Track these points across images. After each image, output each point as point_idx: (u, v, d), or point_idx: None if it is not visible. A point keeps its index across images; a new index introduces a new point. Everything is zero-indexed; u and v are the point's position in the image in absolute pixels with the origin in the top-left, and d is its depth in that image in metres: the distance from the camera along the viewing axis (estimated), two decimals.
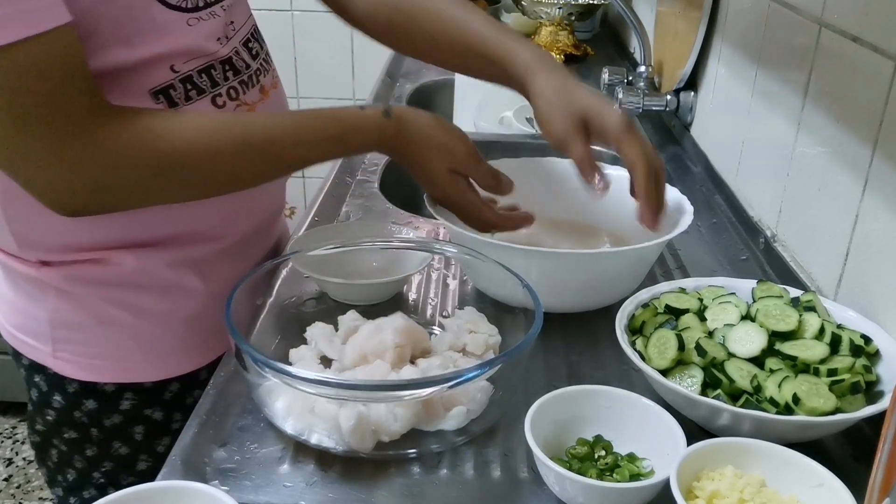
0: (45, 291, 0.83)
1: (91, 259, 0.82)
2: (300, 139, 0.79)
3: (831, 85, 0.86)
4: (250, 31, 0.89)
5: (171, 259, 0.84)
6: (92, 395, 0.87)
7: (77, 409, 0.87)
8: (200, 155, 0.73)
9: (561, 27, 1.94)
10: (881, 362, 0.70)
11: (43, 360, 0.87)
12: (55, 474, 0.94)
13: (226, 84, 0.82)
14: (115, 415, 0.88)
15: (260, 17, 0.94)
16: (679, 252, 1.03)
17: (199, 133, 0.74)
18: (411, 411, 0.68)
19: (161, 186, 0.74)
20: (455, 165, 0.83)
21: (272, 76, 0.92)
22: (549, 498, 0.64)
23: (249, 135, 0.76)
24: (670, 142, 1.43)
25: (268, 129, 0.77)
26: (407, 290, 0.93)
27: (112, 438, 0.89)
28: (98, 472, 0.91)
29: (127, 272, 0.82)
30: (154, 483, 0.60)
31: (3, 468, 2.19)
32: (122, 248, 0.82)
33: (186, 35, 0.78)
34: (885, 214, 0.74)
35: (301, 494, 0.64)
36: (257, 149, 0.76)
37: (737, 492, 0.58)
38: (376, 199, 1.17)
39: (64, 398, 0.87)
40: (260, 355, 0.65)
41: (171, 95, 0.77)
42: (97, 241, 0.81)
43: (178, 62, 0.77)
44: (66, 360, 0.86)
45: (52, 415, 0.89)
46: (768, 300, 0.75)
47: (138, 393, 0.88)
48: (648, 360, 0.71)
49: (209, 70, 0.80)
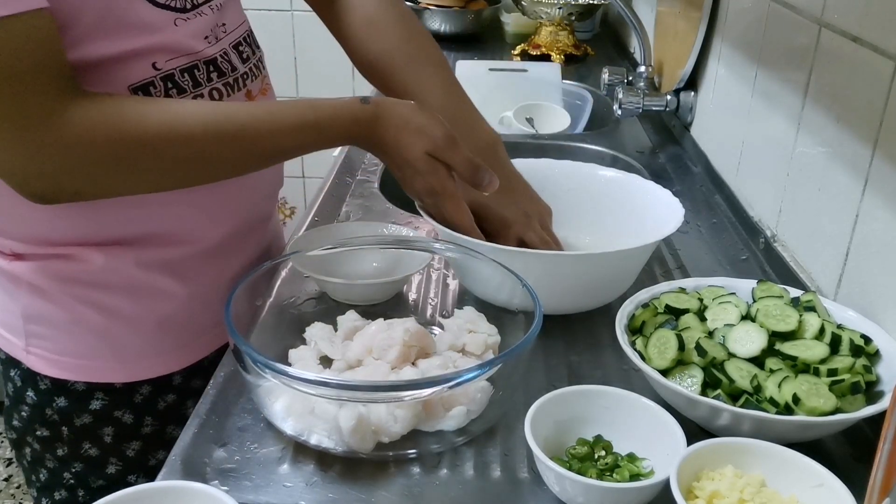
0: (18, 285, 0.83)
1: (61, 254, 0.81)
2: (273, 126, 0.76)
3: (831, 85, 0.86)
4: (243, 35, 0.89)
5: (142, 259, 0.83)
6: (63, 392, 0.86)
7: (49, 406, 0.87)
8: (169, 138, 0.72)
9: (561, 27, 1.94)
10: (881, 362, 0.70)
11: (17, 354, 0.87)
12: (30, 473, 0.94)
13: (209, 85, 0.81)
14: (85, 414, 0.87)
15: (260, 17, 0.95)
16: (679, 252, 1.03)
17: (168, 116, 0.73)
18: (411, 412, 0.68)
19: (129, 170, 0.73)
20: (433, 149, 0.79)
21: (262, 82, 0.91)
22: (549, 498, 0.64)
23: (220, 119, 0.74)
24: (670, 142, 1.43)
25: (239, 116, 0.76)
26: (407, 290, 0.93)
27: (82, 439, 0.88)
28: (69, 473, 0.90)
29: (96, 270, 0.82)
30: (154, 483, 0.60)
31: (3, 468, 2.19)
32: (91, 245, 0.81)
33: (174, 33, 0.78)
34: (885, 214, 0.74)
35: (301, 494, 0.64)
36: (229, 134, 0.74)
37: (737, 492, 0.58)
38: (376, 199, 1.17)
39: (36, 394, 0.87)
40: (259, 356, 0.65)
41: (151, 93, 0.76)
42: (67, 236, 0.80)
43: (160, 60, 0.76)
44: (38, 356, 0.86)
45: (26, 410, 0.88)
46: (768, 300, 0.75)
47: (108, 393, 0.87)
48: (648, 360, 0.71)
49: (192, 70, 0.80)
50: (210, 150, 0.74)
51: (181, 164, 0.74)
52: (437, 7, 2.09)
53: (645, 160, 1.35)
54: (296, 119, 0.77)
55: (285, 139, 0.77)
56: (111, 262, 0.82)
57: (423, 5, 2.10)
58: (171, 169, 0.75)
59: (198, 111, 0.74)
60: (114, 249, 0.82)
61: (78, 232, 0.80)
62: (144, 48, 0.75)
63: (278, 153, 0.80)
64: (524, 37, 2.05)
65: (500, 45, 2.11)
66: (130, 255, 0.82)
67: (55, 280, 0.82)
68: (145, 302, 0.85)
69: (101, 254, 0.81)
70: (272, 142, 0.77)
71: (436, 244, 0.86)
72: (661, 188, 0.95)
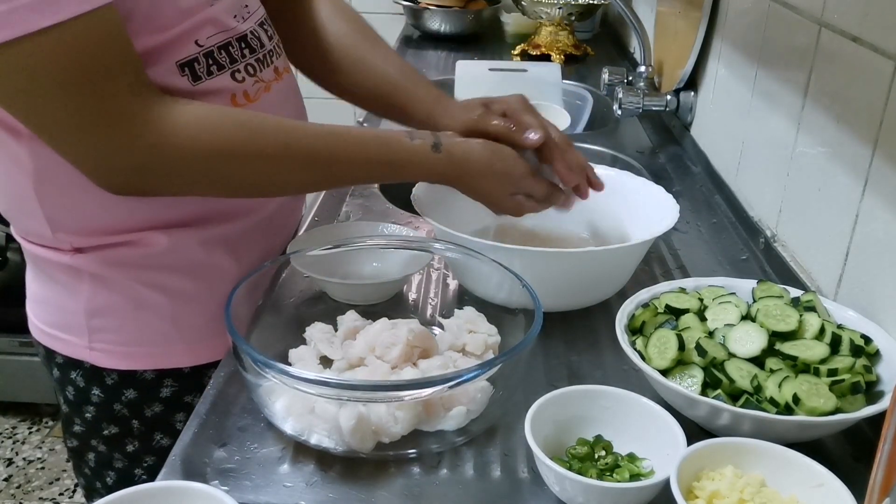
0: (80, 280, 0.84)
1: (124, 242, 0.82)
2: (349, 154, 0.80)
3: (831, 85, 0.86)
4: (264, 16, 0.91)
5: (203, 238, 0.85)
6: (131, 384, 0.87)
7: (117, 400, 0.88)
8: (250, 150, 0.75)
9: (561, 27, 1.94)
10: (881, 362, 0.70)
11: (79, 354, 0.87)
12: (94, 480, 0.94)
13: (243, 61, 0.83)
14: (155, 403, 0.88)
15: None
16: (679, 252, 1.03)
17: (252, 125, 0.76)
18: (412, 413, 0.68)
19: (208, 176, 0.76)
20: (516, 189, 0.85)
21: (284, 60, 0.93)
22: (549, 498, 0.64)
23: (300, 137, 0.78)
24: (670, 142, 1.43)
25: (312, 141, 0.79)
26: (407, 290, 0.93)
27: (153, 430, 0.89)
28: (140, 468, 0.91)
29: (159, 253, 0.83)
30: (154, 483, 0.60)
31: (3, 468, 2.19)
32: (154, 229, 0.82)
33: (211, 11, 0.80)
34: (885, 214, 0.74)
35: (301, 494, 0.64)
36: (309, 156, 0.78)
37: (737, 492, 0.58)
38: (376, 199, 1.17)
39: (103, 391, 0.87)
40: (260, 356, 0.65)
41: (195, 69, 0.78)
42: (129, 223, 0.81)
43: (202, 36, 0.78)
44: (103, 351, 0.86)
45: (90, 411, 0.89)
46: (768, 300, 0.75)
47: (177, 379, 0.88)
48: (648, 360, 0.71)
49: (227, 46, 0.81)
50: (287, 168, 0.78)
51: (257, 176, 0.78)
52: (437, 7, 2.09)
53: (645, 160, 1.35)
54: (369, 154, 0.81)
55: (358, 171, 0.82)
56: (175, 244, 0.83)
57: (422, 5, 2.10)
58: (248, 180, 0.78)
59: (280, 127, 0.78)
60: (176, 231, 0.83)
61: (140, 218, 0.81)
62: (189, 28, 0.77)
63: (348, 181, 0.86)
64: (524, 37, 2.05)
65: (500, 45, 2.11)
66: (192, 235, 0.84)
67: (119, 267, 0.83)
68: (207, 280, 0.86)
69: (165, 236, 0.82)
70: (346, 169, 0.81)
71: (436, 244, 0.86)
72: (654, 185, 0.95)
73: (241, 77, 0.83)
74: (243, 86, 0.83)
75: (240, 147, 0.75)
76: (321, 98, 1.10)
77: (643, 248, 0.88)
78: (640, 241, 0.84)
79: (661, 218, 0.87)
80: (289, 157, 0.77)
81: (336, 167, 0.80)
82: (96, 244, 0.82)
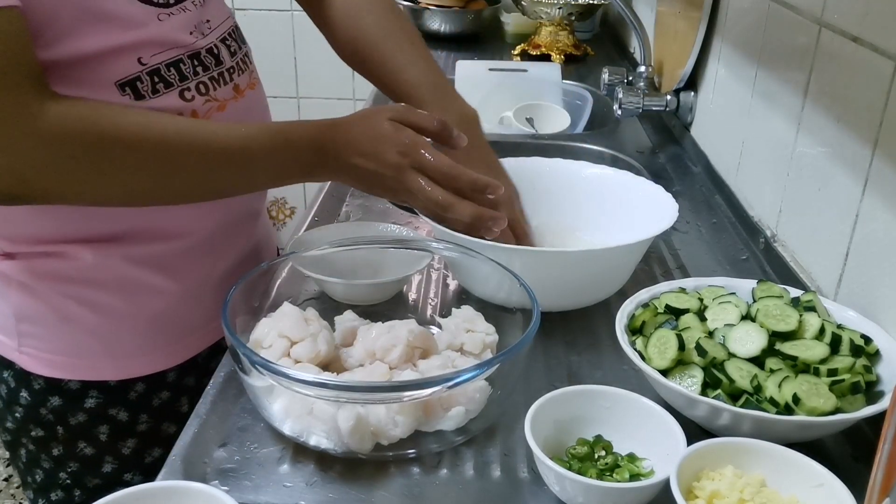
0: (9, 285, 0.83)
1: (51, 252, 0.81)
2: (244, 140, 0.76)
3: (831, 85, 0.86)
4: (229, 30, 0.89)
5: (131, 255, 0.83)
6: (57, 392, 0.86)
7: (43, 405, 0.87)
8: (142, 135, 0.72)
9: (561, 27, 1.94)
10: (881, 362, 0.70)
11: (10, 354, 0.87)
12: (25, 475, 0.94)
13: (195, 79, 0.81)
14: (79, 413, 0.87)
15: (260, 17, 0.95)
16: (679, 252, 1.03)
17: (143, 117, 0.73)
18: (412, 416, 0.68)
19: (100, 167, 0.72)
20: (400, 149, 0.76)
21: (250, 77, 0.91)
22: (549, 498, 0.64)
23: (194, 127, 0.75)
24: (670, 142, 1.43)
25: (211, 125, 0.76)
26: (407, 290, 0.93)
27: (77, 438, 0.88)
28: (64, 473, 0.90)
29: (85, 267, 0.82)
30: (154, 483, 0.60)
31: (3, 468, 2.19)
32: (80, 242, 0.81)
33: (158, 28, 0.78)
34: (885, 214, 0.74)
35: (301, 494, 0.64)
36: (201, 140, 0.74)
37: (737, 492, 0.58)
38: (376, 199, 1.16)
39: (30, 394, 0.87)
40: (257, 356, 0.65)
41: (138, 87, 0.76)
42: (55, 234, 0.80)
43: (145, 54, 0.76)
44: (31, 356, 0.86)
45: (20, 411, 0.88)
46: (768, 300, 0.75)
47: (102, 392, 0.87)
48: (648, 360, 0.71)
49: (178, 64, 0.79)
50: (182, 155, 0.74)
51: (153, 165, 0.73)
52: (437, 7, 2.09)
53: (645, 160, 1.35)
54: (266, 139, 0.76)
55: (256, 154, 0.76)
56: (100, 259, 0.82)
57: (423, 5, 2.10)
58: (143, 170, 0.73)
59: (173, 118, 0.75)
60: (102, 246, 0.81)
61: (66, 229, 0.80)
62: (128, 43, 0.75)
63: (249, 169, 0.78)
64: (524, 37, 2.05)
65: (500, 45, 2.11)
66: (119, 251, 0.82)
67: (45, 278, 0.82)
68: (136, 298, 0.85)
69: (90, 250, 0.81)
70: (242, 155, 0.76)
71: (435, 244, 0.86)
72: (654, 185, 0.95)
73: (191, 96, 0.80)
74: (191, 105, 0.80)
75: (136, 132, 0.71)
76: (321, 98, 1.10)
77: (642, 247, 0.87)
78: (639, 241, 0.84)
79: (661, 218, 0.87)
80: (183, 141, 0.73)
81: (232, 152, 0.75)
82: (25, 251, 0.82)
